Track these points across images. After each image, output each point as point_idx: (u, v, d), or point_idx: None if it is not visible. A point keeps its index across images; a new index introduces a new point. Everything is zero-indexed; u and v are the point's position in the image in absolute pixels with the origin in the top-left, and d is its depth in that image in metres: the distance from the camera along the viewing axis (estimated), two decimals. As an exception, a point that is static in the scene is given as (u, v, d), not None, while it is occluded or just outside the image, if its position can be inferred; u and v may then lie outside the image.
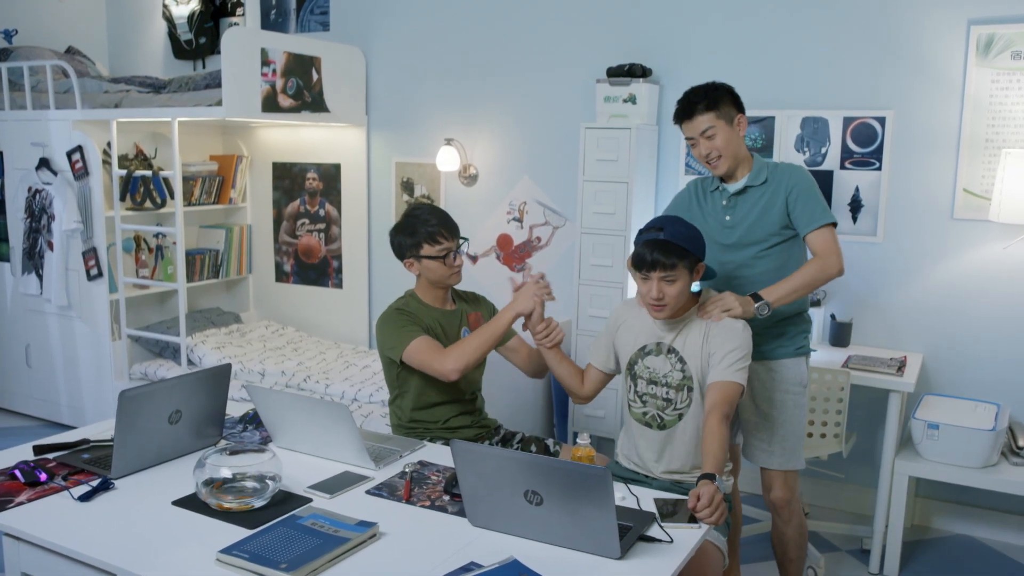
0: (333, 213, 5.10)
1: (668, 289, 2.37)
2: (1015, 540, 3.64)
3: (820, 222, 2.65)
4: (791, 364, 2.76)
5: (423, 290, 2.85)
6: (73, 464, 2.31)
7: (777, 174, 2.71)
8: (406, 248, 2.80)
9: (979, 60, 3.47)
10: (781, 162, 2.78)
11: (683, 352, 2.45)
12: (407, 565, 1.83)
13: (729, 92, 2.70)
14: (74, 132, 4.49)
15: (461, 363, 2.63)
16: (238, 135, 5.32)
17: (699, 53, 4.02)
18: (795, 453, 2.79)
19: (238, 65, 4.13)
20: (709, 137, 2.65)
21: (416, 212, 2.83)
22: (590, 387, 2.70)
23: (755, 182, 2.72)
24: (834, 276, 2.66)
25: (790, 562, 2.92)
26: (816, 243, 2.66)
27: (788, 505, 2.83)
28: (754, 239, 2.72)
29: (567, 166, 4.36)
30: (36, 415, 5.03)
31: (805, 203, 2.66)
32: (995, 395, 3.57)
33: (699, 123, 2.65)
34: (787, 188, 2.67)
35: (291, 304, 5.34)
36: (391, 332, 2.73)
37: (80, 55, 5.36)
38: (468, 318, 2.91)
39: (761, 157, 2.80)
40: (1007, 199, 3.30)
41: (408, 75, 4.79)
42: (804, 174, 2.72)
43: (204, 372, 2.43)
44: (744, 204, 2.73)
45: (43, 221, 4.67)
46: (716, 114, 2.64)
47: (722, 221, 2.76)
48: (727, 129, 2.65)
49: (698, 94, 2.68)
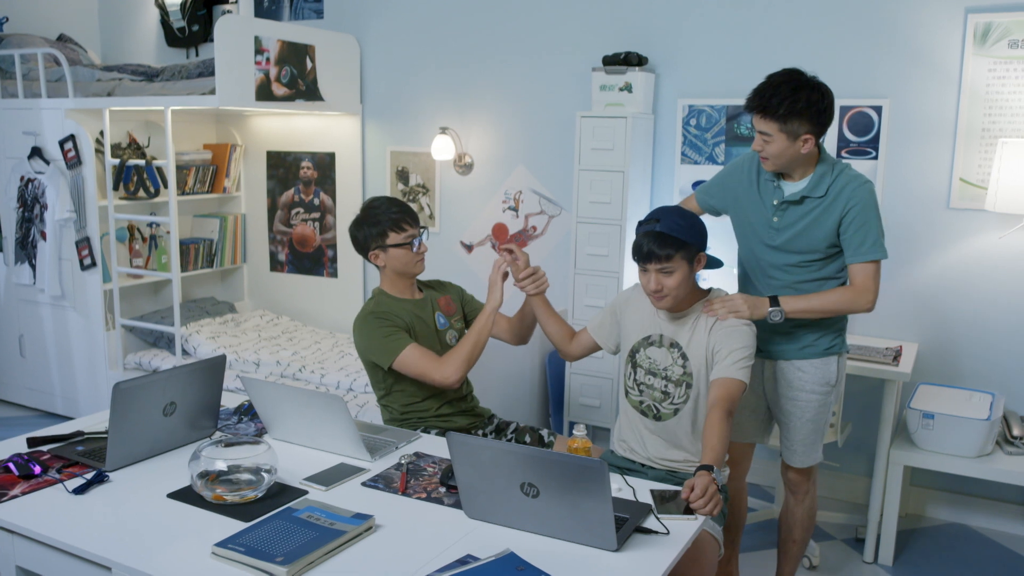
0: (328, 202, 5.08)
1: (666, 280, 2.36)
2: (1009, 528, 3.65)
3: (868, 256, 2.51)
4: (819, 364, 2.67)
5: (390, 284, 2.85)
6: (67, 456, 2.30)
7: (838, 187, 2.51)
8: (371, 239, 2.79)
9: (976, 49, 3.45)
10: (847, 170, 2.54)
11: (686, 348, 2.44)
12: (403, 558, 1.82)
13: (814, 106, 2.44)
14: (66, 121, 4.46)
15: (462, 370, 2.67)
16: (232, 124, 5.29)
17: (695, 41, 4.00)
18: (813, 449, 2.77)
19: (231, 53, 4.10)
20: (766, 141, 2.48)
21: (375, 204, 2.83)
22: (577, 348, 2.72)
23: (813, 193, 2.53)
24: (862, 312, 2.57)
25: (793, 543, 2.90)
26: (857, 275, 2.54)
27: (802, 486, 2.82)
28: (798, 248, 2.59)
29: (563, 155, 4.35)
30: (30, 405, 5.01)
31: (858, 230, 2.50)
32: (990, 384, 3.58)
33: (762, 124, 2.47)
34: (844, 207, 2.50)
35: (286, 293, 5.33)
36: (375, 340, 2.72)
37: (72, 43, 5.32)
38: (438, 303, 2.92)
39: (829, 156, 2.58)
40: (1003, 188, 3.30)
41: (403, 63, 4.76)
42: (867, 195, 2.51)
43: (199, 364, 2.42)
44: (795, 212, 2.57)
45: (36, 211, 4.64)
46: (780, 126, 2.44)
47: (769, 220, 2.63)
48: (785, 143, 2.46)
49: (780, 94, 2.44)
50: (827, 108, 2.48)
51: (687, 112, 4.03)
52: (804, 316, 2.57)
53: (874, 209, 2.52)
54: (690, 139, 4.04)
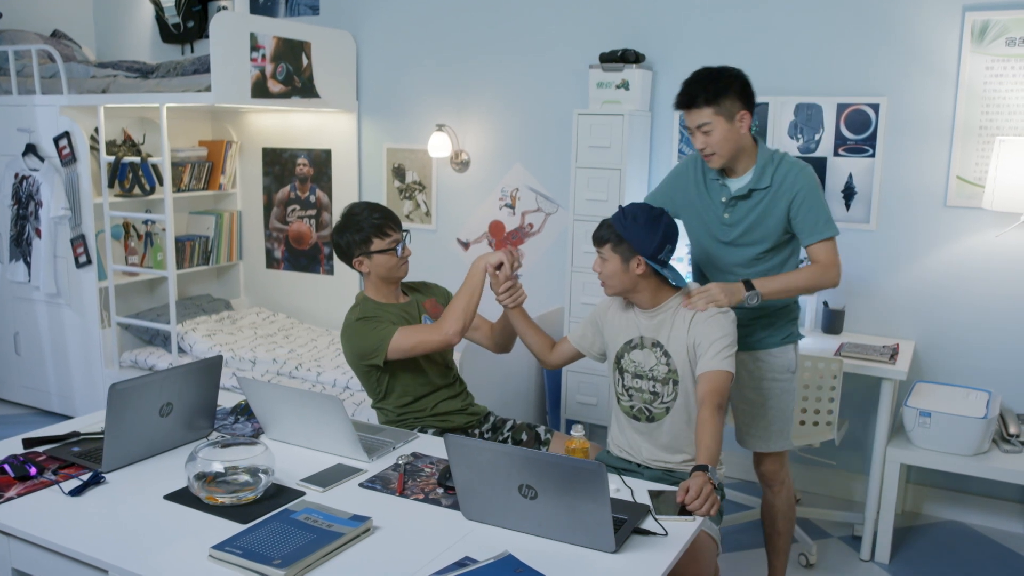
0: (324, 199, 5.07)
1: (601, 267, 2.47)
2: (1005, 526, 3.66)
3: (823, 235, 2.57)
4: (779, 352, 2.76)
5: (374, 290, 2.82)
6: (63, 458, 2.29)
7: (781, 175, 2.58)
8: (355, 246, 2.75)
9: (973, 47, 3.45)
10: (786, 158, 2.62)
11: (667, 346, 2.45)
12: (401, 560, 1.82)
13: (737, 80, 2.54)
14: (61, 118, 4.44)
15: (459, 323, 2.63)
16: (227, 120, 5.27)
17: (693, 39, 3.99)
18: (783, 435, 2.82)
19: (227, 50, 4.08)
20: (706, 132, 2.53)
21: (356, 210, 2.79)
22: (558, 357, 2.73)
23: (759, 185, 2.60)
24: (830, 287, 2.64)
25: (778, 535, 2.93)
26: (817, 255, 2.60)
27: (777, 476, 2.87)
28: (752, 240, 2.65)
29: (559, 152, 4.34)
30: (26, 403, 5.00)
31: (808, 212, 2.57)
32: (986, 382, 3.58)
33: (696, 116, 2.53)
34: (791, 194, 2.57)
35: (282, 291, 5.31)
36: (364, 340, 2.69)
37: (66, 39, 5.30)
38: (424, 306, 2.90)
39: (767, 148, 2.65)
40: (1000, 187, 3.30)
41: (399, 60, 4.75)
42: (809, 179, 2.58)
43: (195, 364, 2.41)
44: (744, 207, 2.63)
45: (30, 208, 4.63)
46: (715, 109, 2.50)
47: (720, 217, 2.68)
48: (725, 126, 2.51)
49: (701, 83, 2.53)
50: (748, 83, 2.57)
51: (684, 109, 4.02)
52: (779, 296, 2.62)
53: (818, 190, 2.61)
54: (687, 136, 4.04)
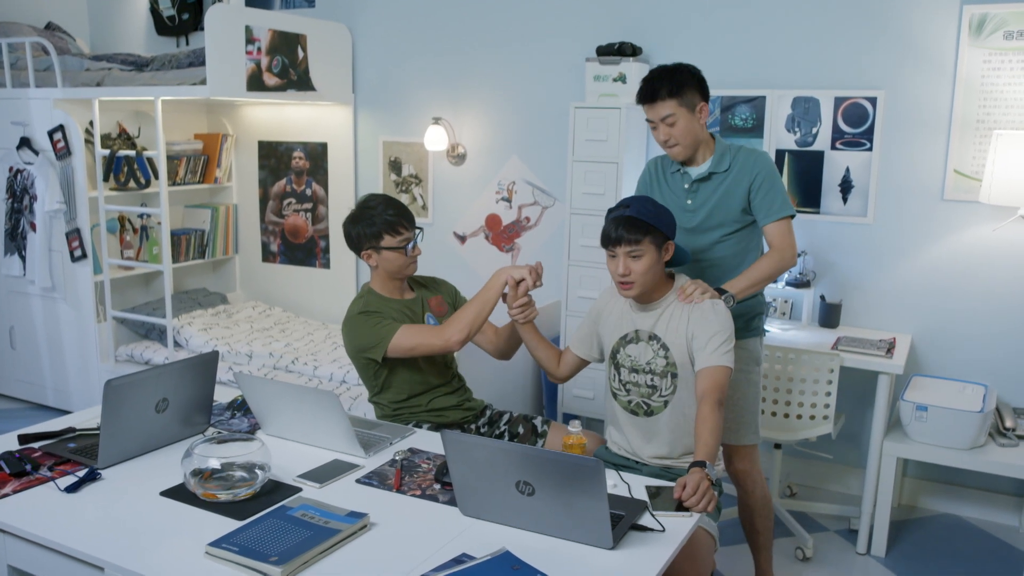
0: (320, 192, 5.05)
1: (634, 265, 2.37)
2: (1001, 519, 3.67)
3: (779, 214, 2.68)
4: (745, 344, 2.79)
5: (380, 283, 2.81)
6: (59, 454, 2.28)
7: (740, 160, 2.71)
8: (365, 239, 2.73)
9: (971, 40, 3.44)
10: (743, 147, 2.77)
11: (665, 338, 2.44)
12: (399, 557, 1.81)
13: (694, 76, 2.67)
14: (55, 111, 4.41)
15: (464, 332, 2.60)
16: (223, 113, 5.25)
17: (690, 32, 3.97)
18: (750, 428, 2.85)
19: (222, 43, 4.06)
20: (670, 124, 2.64)
21: (372, 203, 2.76)
22: (566, 370, 2.71)
23: (718, 168, 2.72)
24: (788, 268, 2.75)
25: (757, 533, 2.95)
26: (773, 235, 2.70)
27: (749, 475, 2.89)
28: (715, 224, 2.75)
29: (556, 146, 4.33)
30: (21, 397, 4.99)
31: (767, 193, 2.68)
32: (983, 376, 3.58)
33: (660, 109, 2.63)
34: (750, 176, 2.68)
35: (278, 284, 5.30)
36: (365, 335, 2.68)
37: (60, 31, 5.27)
38: (429, 303, 2.88)
39: (723, 139, 2.79)
40: (998, 181, 3.29)
41: (395, 53, 4.73)
42: (767, 162, 2.71)
43: (191, 360, 2.40)
44: (706, 189, 2.74)
45: (25, 202, 4.61)
46: (678, 101, 2.61)
47: (683, 205, 2.77)
48: (688, 117, 2.63)
49: (662, 78, 2.64)
50: (703, 78, 2.70)
51: (681, 103, 4.01)
52: (750, 292, 2.67)
53: (777, 175, 2.72)
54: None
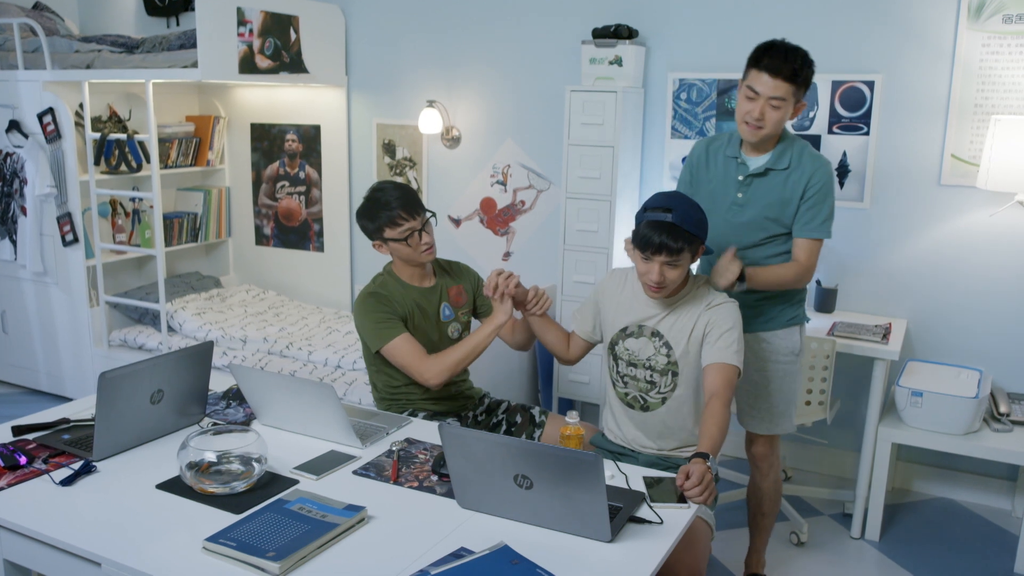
0: (313, 175, 5.02)
1: (670, 273, 2.32)
2: (994, 503, 3.69)
3: (817, 233, 2.59)
4: (784, 335, 2.75)
5: (399, 267, 2.81)
6: (54, 446, 2.27)
7: (803, 163, 2.56)
8: (371, 232, 2.76)
9: (970, 24, 3.41)
10: (809, 148, 2.61)
11: (669, 336, 2.42)
12: (397, 551, 1.81)
13: (813, 74, 2.52)
14: (45, 93, 4.36)
15: (444, 376, 2.63)
16: (215, 95, 5.19)
17: (686, 14, 3.93)
18: (785, 418, 2.82)
19: (213, 25, 4.00)
20: (774, 106, 2.47)
21: (377, 195, 2.74)
22: (575, 352, 2.69)
23: (777, 165, 2.58)
24: (802, 287, 2.72)
25: (763, 516, 2.95)
26: (801, 250, 2.61)
27: (767, 459, 2.88)
28: (762, 225, 2.63)
29: (552, 129, 4.29)
30: (14, 382, 4.96)
31: (814, 206, 2.56)
32: (978, 361, 3.59)
33: (778, 88, 2.44)
34: (808, 180, 2.55)
35: (272, 268, 5.27)
36: (369, 323, 2.69)
37: (49, 12, 5.18)
38: (448, 292, 2.86)
39: (791, 134, 2.64)
40: (995, 166, 3.28)
41: (389, 35, 4.67)
42: (827, 173, 2.58)
43: (186, 350, 2.39)
44: (761, 186, 2.61)
45: (15, 185, 4.56)
46: (795, 91, 2.46)
47: (733, 197, 2.65)
48: (790, 110, 2.50)
49: (801, 61, 2.46)
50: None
51: (678, 86, 3.98)
52: (764, 288, 2.60)
53: (832, 191, 2.60)
54: (680, 113, 4.00)
